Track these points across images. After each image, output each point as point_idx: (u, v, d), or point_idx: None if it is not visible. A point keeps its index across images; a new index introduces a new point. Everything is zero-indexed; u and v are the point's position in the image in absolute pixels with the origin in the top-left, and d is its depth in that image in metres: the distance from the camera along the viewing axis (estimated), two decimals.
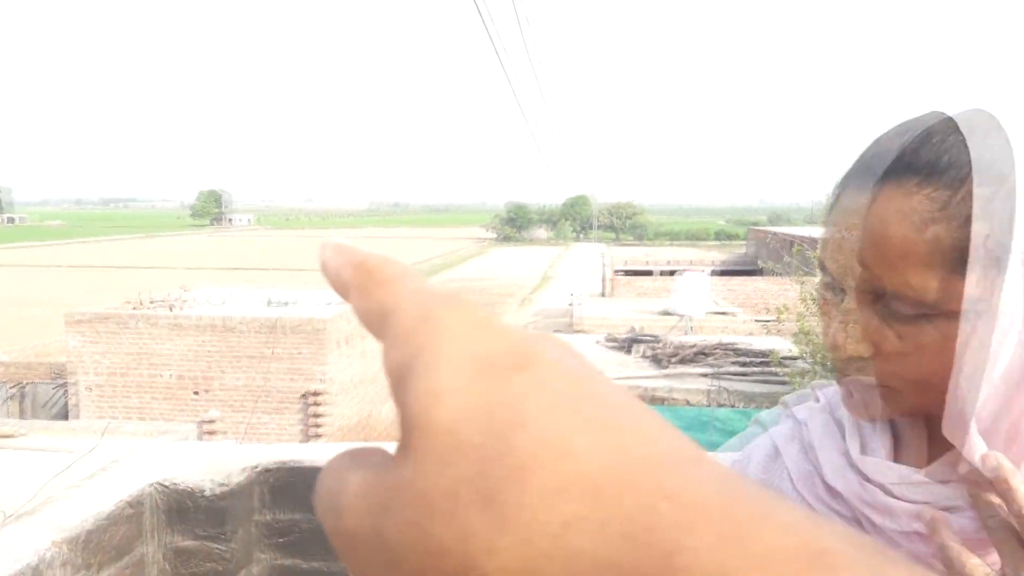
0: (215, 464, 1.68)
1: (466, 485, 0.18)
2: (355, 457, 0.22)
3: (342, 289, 0.24)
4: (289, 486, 1.66)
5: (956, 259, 0.56)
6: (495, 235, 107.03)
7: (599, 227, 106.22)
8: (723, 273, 30.39)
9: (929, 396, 0.59)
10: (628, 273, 31.75)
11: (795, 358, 9.70)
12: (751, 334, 14.44)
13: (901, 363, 0.60)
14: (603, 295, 28.26)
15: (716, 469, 0.19)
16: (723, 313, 19.48)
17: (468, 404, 0.19)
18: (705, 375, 9.91)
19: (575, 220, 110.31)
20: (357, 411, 13.64)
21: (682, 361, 10.86)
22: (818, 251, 0.68)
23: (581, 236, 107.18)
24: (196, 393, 12.44)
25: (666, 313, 18.53)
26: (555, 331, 20.21)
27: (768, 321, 13.35)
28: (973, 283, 0.55)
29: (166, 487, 1.60)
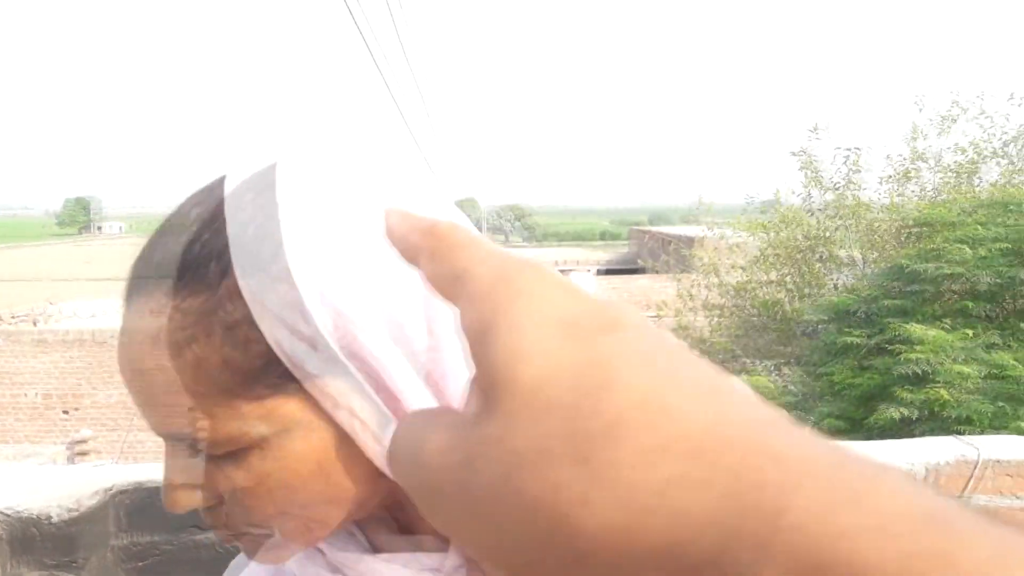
0: (64, 488, 1.56)
1: (558, 442, 0.18)
2: (430, 417, 0.23)
3: (410, 253, 0.25)
4: (148, 507, 1.56)
5: (247, 378, 0.42)
6: None
7: (488, 229, 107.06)
8: (608, 272, 31.20)
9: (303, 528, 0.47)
10: None
11: None
12: None
13: (245, 506, 0.46)
14: None
15: (815, 434, 0.19)
16: None
17: (555, 364, 0.19)
18: None
19: None
20: None
21: None
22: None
23: None
24: (66, 412, 11.65)
25: None
26: None
27: (649, 317, 13.83)
28: (272, 404, 0.42)
29: (7, 515, 1.48)
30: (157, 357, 0.43)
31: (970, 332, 6.16)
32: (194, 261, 0.43)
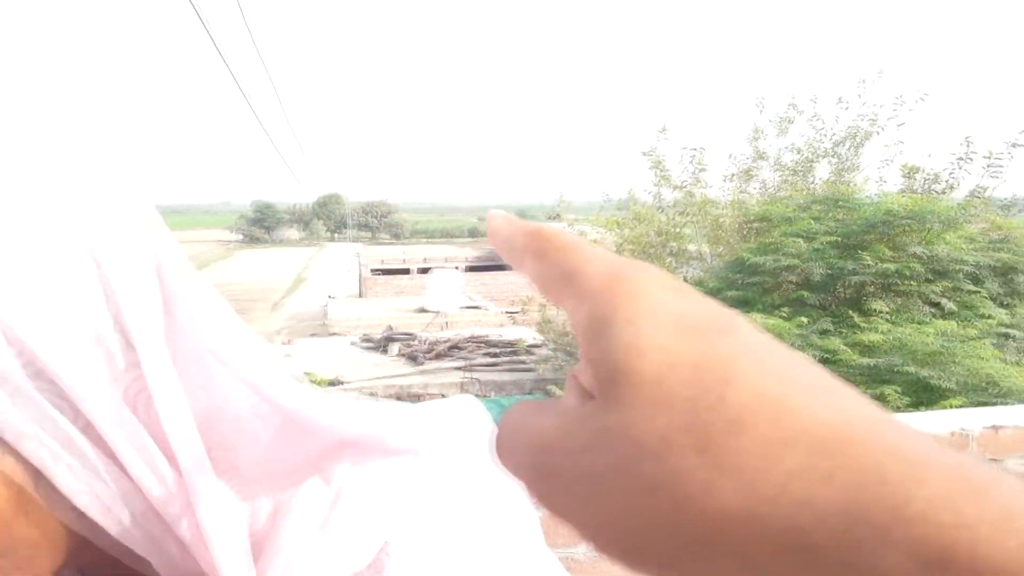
0: None
1: (679, 432, 0.20)
2: (539, 407, 0.25)
3: (515, 255, 0.27)
4: None
5: None
6: (241, 237, 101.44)
7: (354, 226, 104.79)
8: (476, 269, 31.41)
9: None
10: (385, 272, 31.69)
11: (539, 346, 10.25)
12: (502, 326, 15.05)
13: None
14: (360, 295, 27.91)
15: (929, 436, 0.20)
16: (476, 307, 20.10)
17: (674, 359, 0.21)
18: (459, 368, 10.15)
19: (329, 219, 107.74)
20: None
21: (437, 356, 11.04)
22: None
23: (336, 236, 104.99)
24: None
25: (422, 310, 18.73)
26: (311, 335, 19.61)
27: (515, 312, 14.02)
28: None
29: None
30: None
31: (805, 320, 6.64)
32: None
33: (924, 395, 5.18)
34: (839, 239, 7.40)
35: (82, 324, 0.39)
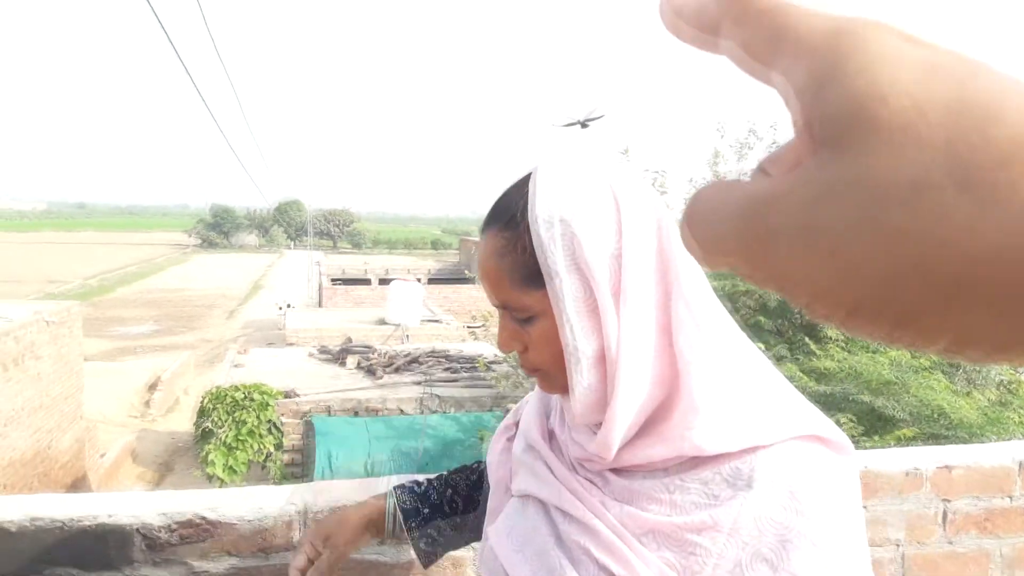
0: None
1: (936, 172, 0.19)
2: (738, 182, 0.24)
3: (708, 25, 0.25)
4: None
5: (526, 277, 0.77)
6: (198, 241, 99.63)
7: (315, 234, 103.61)
8: (437, 281, 31.26)
9: (564, 373, 0.77)
10: (346, 282, 31.33)
11: (499, 362, 10.21)
12: (462, 340, 14.98)
13: (532, 354, 0.81)
14: (319, 305, 27.55)
15: None
16: (436, 321, 19.97)
17: (922, 104, 0.19)
18: (418, 383, 10.06)
19: (289, 226, 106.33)
20: (32, 443, 11.81)
21: (396, 370, 10.92)
22: None
23: (295, 243, 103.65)
24: None
25: (382, 322, 18.55)
26: (268, 344, 19.29)
27: (476, 327, 13.97)
28: (541, 294, 0.76)
29: None
30: (492, 260, 0.79)
31: (762, 346, 6.72)
32: (507, 210, 0.80)
33: (877, 424, 5.26)
34: None
35: (607, 231, 0.75)
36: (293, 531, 1.40)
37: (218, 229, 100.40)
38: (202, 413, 8.82)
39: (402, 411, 9.31)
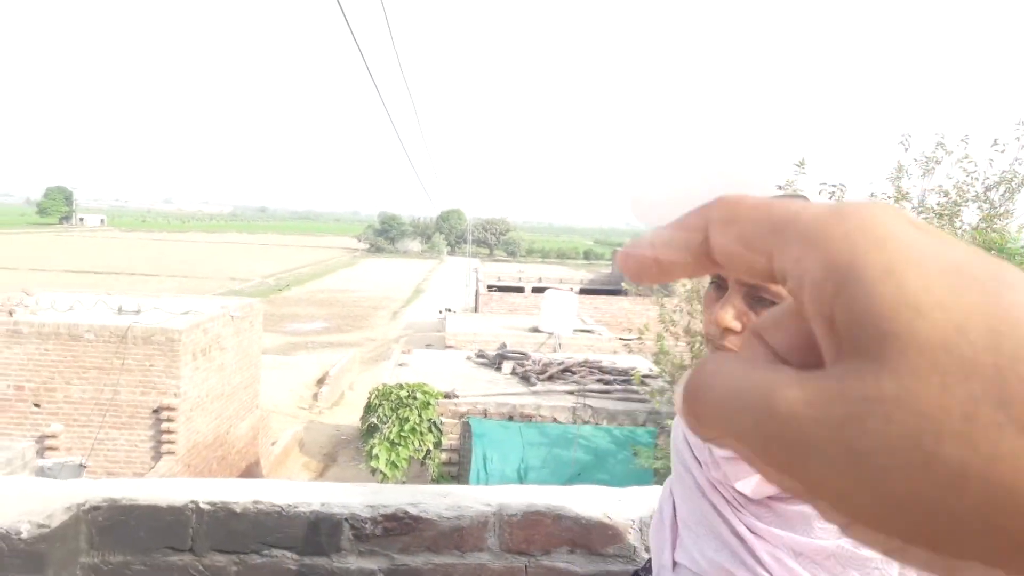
0: (35, 502, 1.51)
1: (987, 407, 0.17)
2: (739, 362, 0.22)
3: (695, 229, 0.24)
4: (120, 525, 1.52)
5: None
6: (366, 245, 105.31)
7: (473, 242, 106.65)
8: (589, 292, 31.26)
9: None
10: (501, 289, 32.02)
11: (654, 376, 10.06)
12: (615, 352, 14.89)
13: None
14: (476, 310, 28.34)
15: None
16: (589, 331, 19.97)
17: (961, 318, 0.18)
18: (570, 392, 10.09)
19: (449, 233, 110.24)
20: (213, 427, 12.95)
21: (549, 378, 11.02)
22: None
23: (455, 250, 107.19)
24: (37, 405, 11.43)
25: (535, 330, 18.79)
26: (426, 345, 20.06)
27: (630, 340, 13.83)
28: None
29: None
30: None
31: None
32: None
33: None
34: None
35: None
36: (487, 532, 1.45)
37: (385, 235, 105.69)
38: (368, 409, 9.28)
39: (555, 419, 9.38)
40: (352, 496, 1.49)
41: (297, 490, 1.51)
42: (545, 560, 1.45)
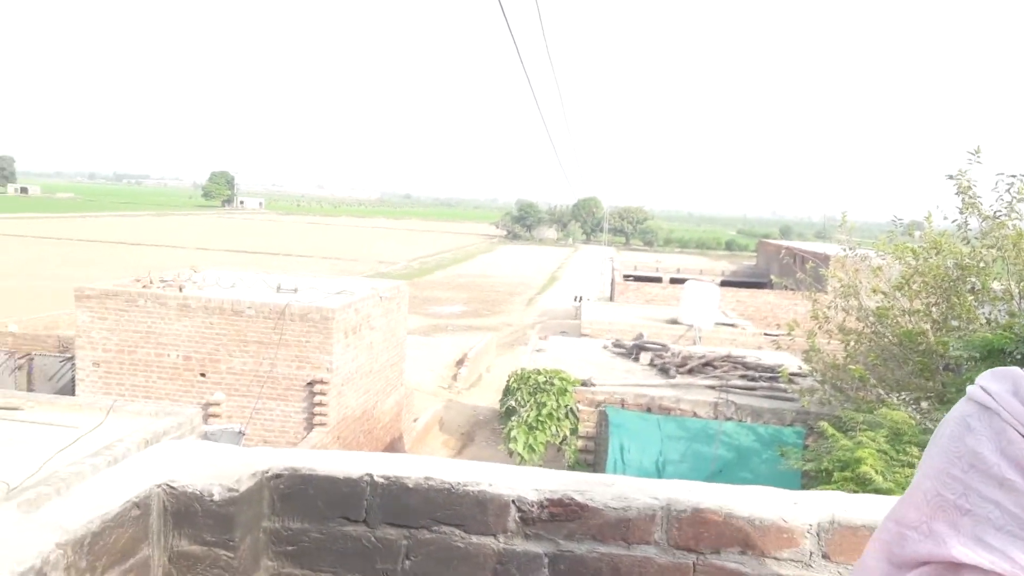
0: (224, 467, 1.62)
1: None
2: None
3: None
4: (299, 493, 1.60)
5: None
6: (504, 232, 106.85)
7: (609, 230, 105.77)
8: (732, 284, 30.24)
9: None
10: (637, 279, 31.61)
11: (804, 375, 9.60)
12: (760, 348, 14.34)
13: None
14: (611, 299, 28.14)
15: None
16: (731, 325, 19.35)
17: None
18: (712, 387, 9.82)
19: (585, 222, 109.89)
20: (361, 402, 13.61)
21: (689, 371, 10.77)
22: None
23: (591, 238, 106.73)
24: (203, 375, 12.43)
25: (674, 321, 18.42)
26: (561, 332, 20.14)
27: (778, 336, 13.26)
28: None
29: (174, 489, 1.55)
30: None
31: None
32: None
33: None
34: None
35: None
36: (655, 526, 1.42)
37: (522, 222, 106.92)
38: (507, 392, 9.43)
39: (695, 414, 9.15)
40: (518, 478, 1.50)
41: (466, 469, 1.54)
42: (714, 559, 1.40)
